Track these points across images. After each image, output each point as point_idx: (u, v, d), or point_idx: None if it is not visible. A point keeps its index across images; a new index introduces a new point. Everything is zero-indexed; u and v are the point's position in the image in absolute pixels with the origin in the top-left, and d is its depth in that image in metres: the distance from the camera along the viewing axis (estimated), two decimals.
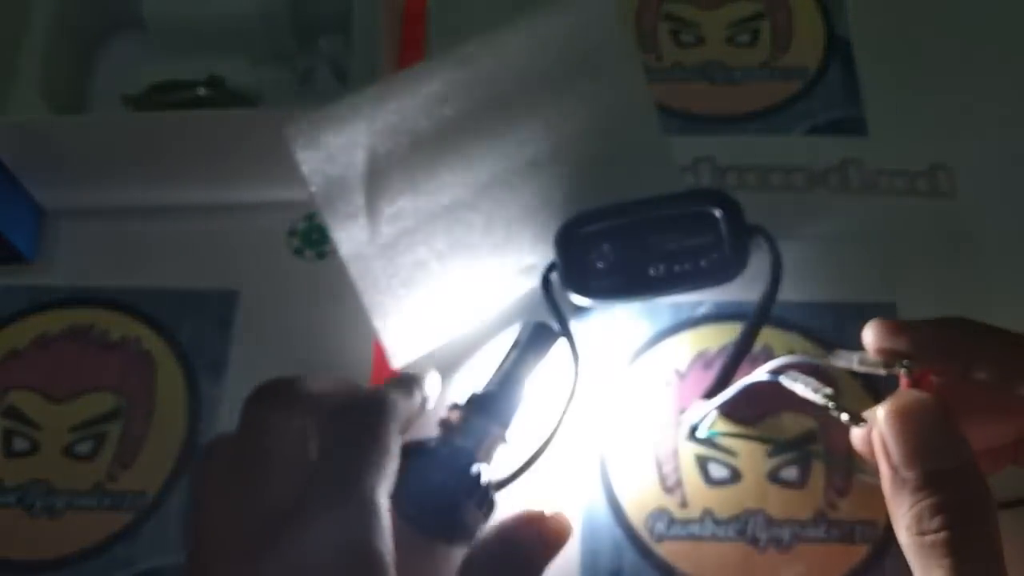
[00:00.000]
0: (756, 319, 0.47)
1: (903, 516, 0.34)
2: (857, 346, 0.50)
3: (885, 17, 0.61)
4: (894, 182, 0.55)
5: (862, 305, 0.51)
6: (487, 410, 0.43)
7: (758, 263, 0.47)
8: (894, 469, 0.35)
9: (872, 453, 0.37)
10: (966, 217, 0.54)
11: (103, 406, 0.50)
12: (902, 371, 0.37)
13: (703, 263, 0.47)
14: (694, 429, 0.47)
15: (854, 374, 0.43)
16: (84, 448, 0.49)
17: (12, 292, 0.53)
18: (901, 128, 0.57)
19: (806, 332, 0.50)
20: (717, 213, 0.47)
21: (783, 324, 0.51)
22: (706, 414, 0.46)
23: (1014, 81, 0.58)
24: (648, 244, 0.48)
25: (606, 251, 0.48)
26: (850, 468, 0.47)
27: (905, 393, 0.36)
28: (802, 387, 0.40)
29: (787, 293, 0.51)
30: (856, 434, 0.40)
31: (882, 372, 0.38)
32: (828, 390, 0.39)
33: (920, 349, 0.37)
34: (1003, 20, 0.60)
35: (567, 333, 0.46)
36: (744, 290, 0.49)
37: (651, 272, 0.48)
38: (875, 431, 0.36)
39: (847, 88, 0.58)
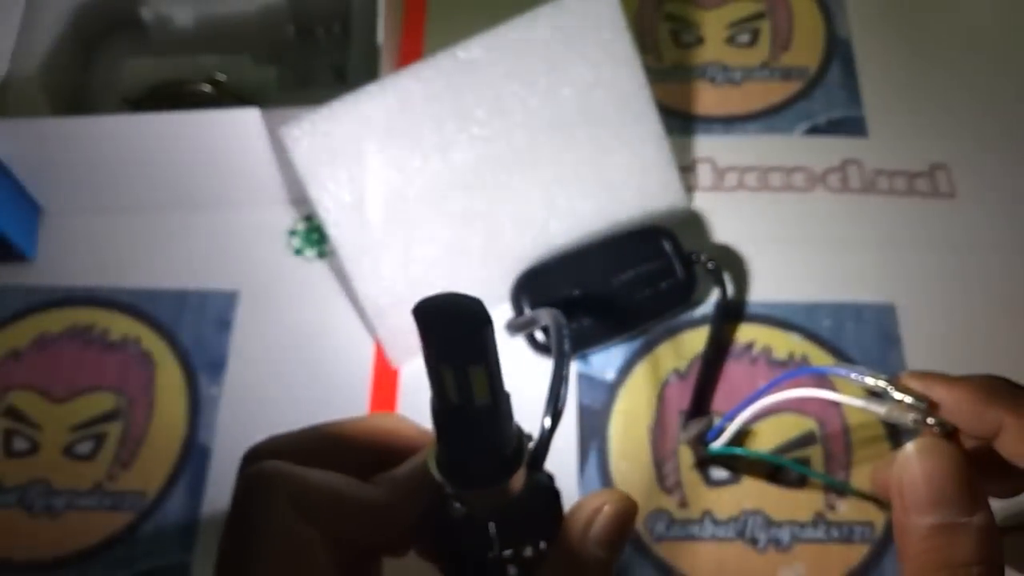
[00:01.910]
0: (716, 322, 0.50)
1: (910, 560, 0.33)
2: (854, 345, 0.50)
3: (885, 17, 0.61)
4: (894, 182, 0.55)
5: (862, 305, 0.51)
6: (472, 480, 0.31)
7: (766, 273, 0.47)
8: (906, 513, 0.34)
9: (888, 492, 0.35)
10: (966, 217, 0.54)
11: (103, 406, 0.50)
12: (933, 427, 0.36)
13: (663, 285, 0.50)
14: (707, 441, 0.46)
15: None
16: (84, 448, 0.49)
17: (12, 292, 0.53)
18: (901, 128, 0.57)
19: (806, 332, 0.50)
20: (660, 242, 0.50)
21: (783, 324, 0.51)
22: (720, 426, 0.45)
23: (1014, 81, 0.58)
24: (608, 281, 0.49)
25: (572, 297, 0.49)
26: (849, 471, 0.47)
27: (931, 439, 0.35)
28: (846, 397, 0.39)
29: (787, 293, 0.51)
30: (875, 476, 0.39)
31: (909, 425, 0.36)
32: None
33: (948, 405, 0.36)
34: (1003, 20, 0.60)
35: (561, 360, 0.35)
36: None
37: (618, 304, 0.49)
38: (893, 471, 0.35)
39: (847, 88, 0.58)
